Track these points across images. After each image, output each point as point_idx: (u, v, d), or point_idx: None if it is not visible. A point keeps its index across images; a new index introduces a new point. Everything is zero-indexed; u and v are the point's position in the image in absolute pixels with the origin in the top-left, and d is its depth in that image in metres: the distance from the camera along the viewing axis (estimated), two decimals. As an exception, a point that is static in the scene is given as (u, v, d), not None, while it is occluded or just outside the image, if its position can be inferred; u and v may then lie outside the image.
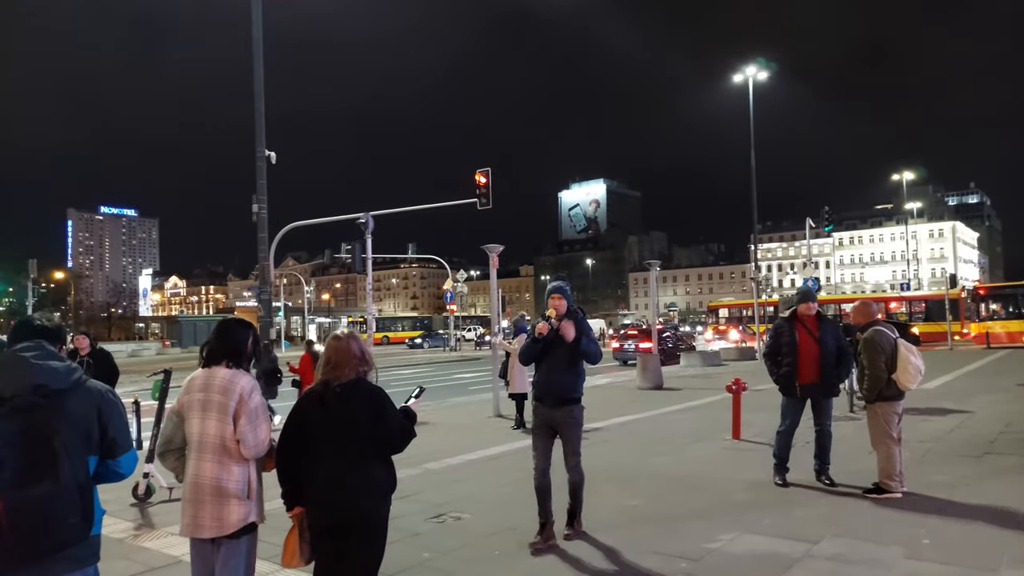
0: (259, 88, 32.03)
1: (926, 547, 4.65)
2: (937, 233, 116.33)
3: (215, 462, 3.08)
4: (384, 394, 3.22)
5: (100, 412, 2.52)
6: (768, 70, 31.82)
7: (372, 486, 3.10)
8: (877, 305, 6.60)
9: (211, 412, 3.11)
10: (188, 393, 3.19)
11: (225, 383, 3.14)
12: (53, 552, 2.37)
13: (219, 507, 3.05)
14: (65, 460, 2.37)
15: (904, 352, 5.90)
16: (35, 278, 49.39)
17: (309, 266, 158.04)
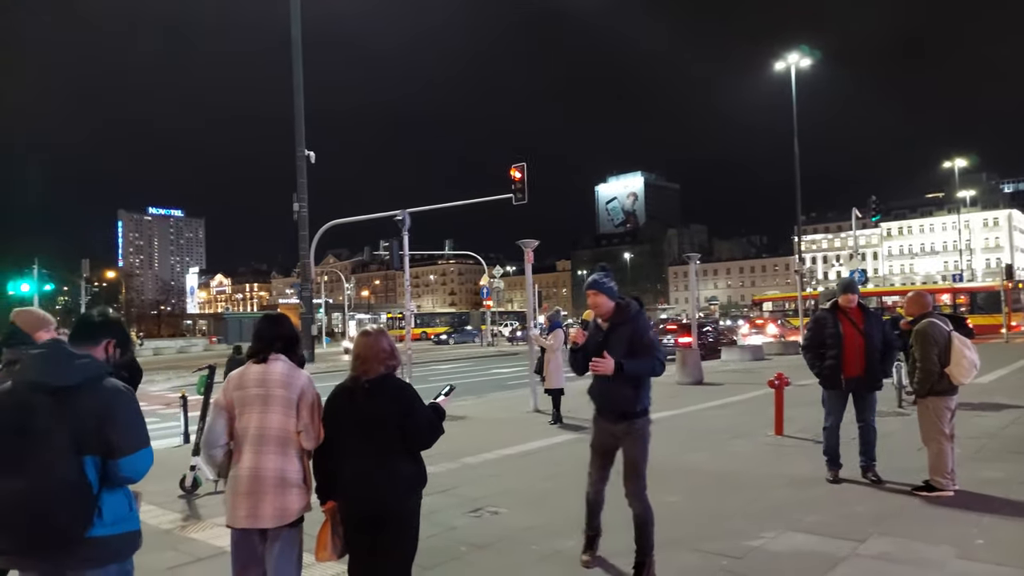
0: (298, 87, 32.55)
1: (979, 547, 4.49)
2: (992, 222, 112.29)
3: (278, 454, 3.12)
4: (412, 390, 3.22)
5: (105, 412, 2.51)
6: (811, 57, 31.11)
7: (399, 481, 3.11)
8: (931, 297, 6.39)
9: (273, 406, 3.14)
10: (242, 389, 3.19)
11: (285, 377, 3.19)
12: (36, 549, 2.39)
13: (282, 497, 3.10)
14: (54, 457, 2.39)
15: (958, 345, 5.70)
16: (88, 277, 51.06)
17: (349, 263, 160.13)
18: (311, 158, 30.26)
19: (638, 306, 4.37)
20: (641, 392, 4.30)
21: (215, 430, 3.21)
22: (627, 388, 4.24)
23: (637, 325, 4.25)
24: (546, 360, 10.94)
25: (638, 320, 4.27)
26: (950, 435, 5.82)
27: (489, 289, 42.01)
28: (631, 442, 4.31)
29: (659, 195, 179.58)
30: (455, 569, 4.50)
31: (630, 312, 4.28)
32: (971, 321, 28.21)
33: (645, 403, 4.33)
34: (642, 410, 4.33)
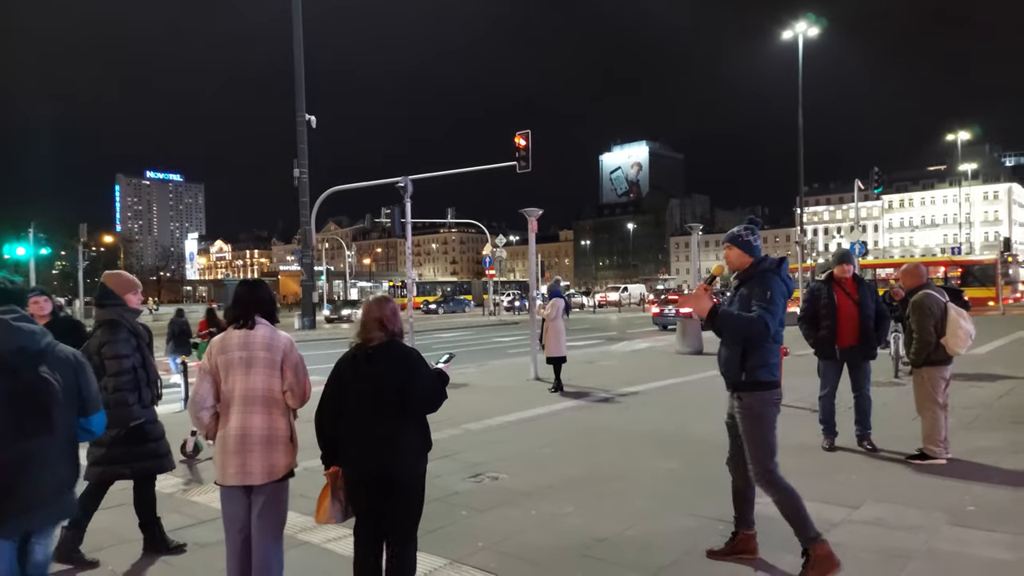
0: (299, 54, 32.12)
1: (971, 514, 4.57)
2: (992, 195, 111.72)
3: (264, 413, 3.29)
4: (418, 355, 3.25)
5: (76, 373, 2.71)
6: (819, 26, 30.64)
7: (404, 445, 3.15)
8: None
9: (257, 367, 3.30)
10: (225, 353, 3.33)
11: (268, 340, 3.36)
12: (43, 504, 2.59)
13: (270, 454, 3.27)
14: (60, 415, 2.58)
15: (955, 316, 5.75)
16: (86, 242, 50.95)
17: (350, 230, 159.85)
18: (312, 123, 30.04)
19: (774, 262, 3.77)
20: (750, 358, 3.67)
21: (201, 393, 3.34)
22: (732, 349, 3.74)
23: (762, 281, 3.66)
24: (545, 329, 11.00)
25: (764, 276, 3.68)
26: (944, 405, 5.89)
27: (491, 258, 41.92)
28: (741, 420, 3.79)
29: (663, 165, 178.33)
30: (455, 533, 4.59)
31: (759, 267, 3.73)
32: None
33: (759, 374, 3.68)
34: (752, 382, 3.70)
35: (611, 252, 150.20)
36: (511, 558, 4.11)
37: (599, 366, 14.02)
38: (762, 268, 3.75)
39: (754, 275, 3.74)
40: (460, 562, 4.05)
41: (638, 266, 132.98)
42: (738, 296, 3.78)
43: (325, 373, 3.41)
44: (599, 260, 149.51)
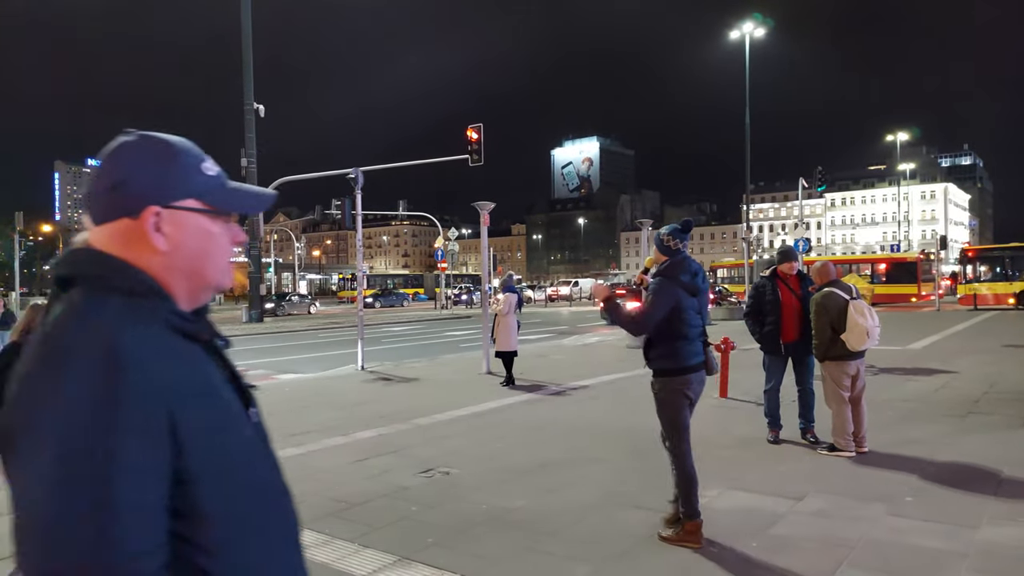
0: (247, 38, 31.31)
1: (908, 504, 4.72)
2: (929, 195, 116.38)
3: None
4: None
5: None
6: (765, 26, 31.34)
7: None
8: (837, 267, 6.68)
9: None
10: None
11: None
12: None
13: None
14: None
15: (852, 313, 5.90)
16: (22, 231, 48.86)
17: (300, 222, 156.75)
18: (260, 112, 29.32)
19: (671, 265, 4.20)
20: (655, 347, 4.21)
21: None
22: (644, 340, 4.31)
23: (656, 281, 4.19)
24: (496, 323, 10.97)
25: (657, 277, 4.21)
26: (851, 399, 6.07)
27: (444, 252, 41.72)
28: (655, 402, 4.32)
29: (614, 161, 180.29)
30: (405, 528, 4.53)
31: (661, 268, 4.23)
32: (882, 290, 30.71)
33: (663, 363, 4.18)
34: (658, 369, 4.22)
35: (563, 247, 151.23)
36: (461, 554, 4.07)
37: (551, 360, 14.07)
38: (659, 269, 4.24)
39: (658, 273, 4.23)
40: (409, 558, 3.99)
41: (589, 261, 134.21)
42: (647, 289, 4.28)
43: (271, 367, 3.31)
44: (551, 254, 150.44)
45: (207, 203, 1.07)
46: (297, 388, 11.32)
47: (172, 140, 1.08)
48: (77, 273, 1.01)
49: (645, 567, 3.87)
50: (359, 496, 5.21)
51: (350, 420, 8.10)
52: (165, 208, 1.03)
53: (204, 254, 1.07)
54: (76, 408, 0.88)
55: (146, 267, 1.03)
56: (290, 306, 41.80)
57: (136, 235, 1.03)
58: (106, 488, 0.87)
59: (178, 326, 1.01)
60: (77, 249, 1.04)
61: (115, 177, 1.03)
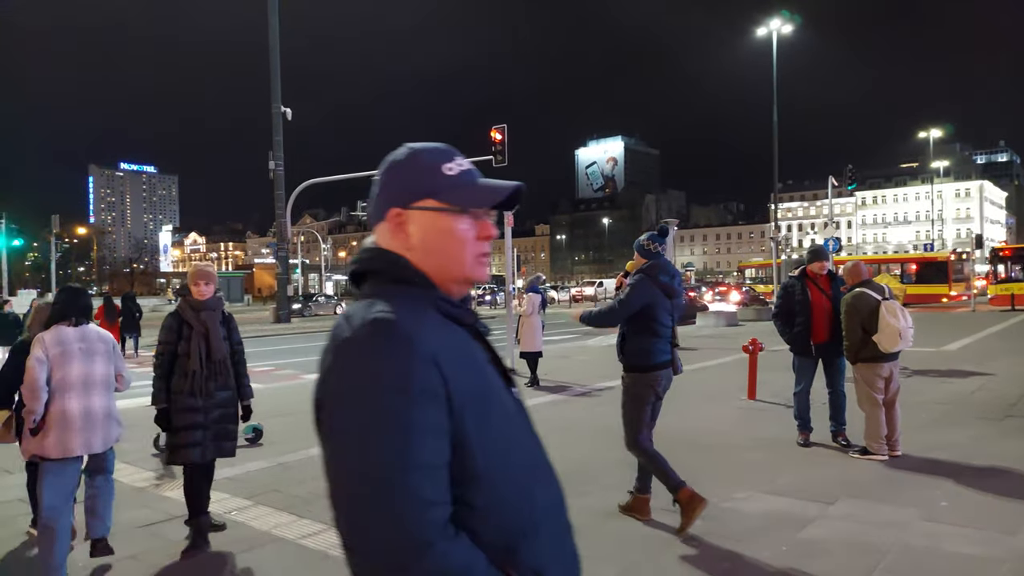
0: (274, 42, 31.68)
1: (943, 509, 4.62)
2: (964, 192, 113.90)
3: (103, 395, 4.02)
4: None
5: None
6: (793, 23, 30.94)
7: None
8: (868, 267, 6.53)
9: (96, 357, 4.00)
10: (61, 345, 3.89)
11: (101, 334, 4.13)
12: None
13: (108, 428, 4.04)
14: None
15: (884, 314, 5.78)
16: (58, 233, 49.99)
17: (326, 224, 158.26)
18: (288, 115, 29.63)
19: (649, 267, 4.53)
20: (629, 343, 4.56)
21: (39, 380, 3.80)
22: (618, 336, 4.67)
23: (632, 279, 4.54)
24: (520, 324, 10.97)
25: (634, 276, 4.55)
26: (885, 402, 5.94)
27: (467, 252, 41.66)
28: (621, 394, 4.68)
29: (639, 160, 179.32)
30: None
31: (640, 268, 4.57)
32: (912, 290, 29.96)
33: (636, 359, 4.53)
34: (630, 365, 4.58)
35: (587, 247, 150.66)
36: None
37: (575, 361, 14.03)
38: (640, 269, 4.56)
39: (638, 271, 4.57)
40: (435, 560, 3.99)
41: (614, 261, 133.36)
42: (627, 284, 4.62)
43: (298, 367, 3.34)
44: (575, 255, 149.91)
45: (443, 201, 1.16)
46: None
47: (416, 147, 1.21)
48: (364, 268, 1.19)
49: (672, 570, 3.84)
50: (385, 496, 5.22)
51: (376, 420, 8.14)
52: (405, 209, 1.17)
53: (445, 249, 1.17)
54: (371, 378, 1.02)
55: (408, 261, 1.17)
56: (317, 306, 42.19)
57: (391, 235, 1.18)
58: (403, 443, 0.99)
59: (445, 310, 1.14)
60: (365, 248, 1.21)
61: (377, 186, 1.21)
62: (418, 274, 1.15)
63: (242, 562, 4.11)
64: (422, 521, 0.98)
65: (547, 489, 1.19)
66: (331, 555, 4.11)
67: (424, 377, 1.02)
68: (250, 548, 4.30)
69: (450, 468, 1.03)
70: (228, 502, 5.11)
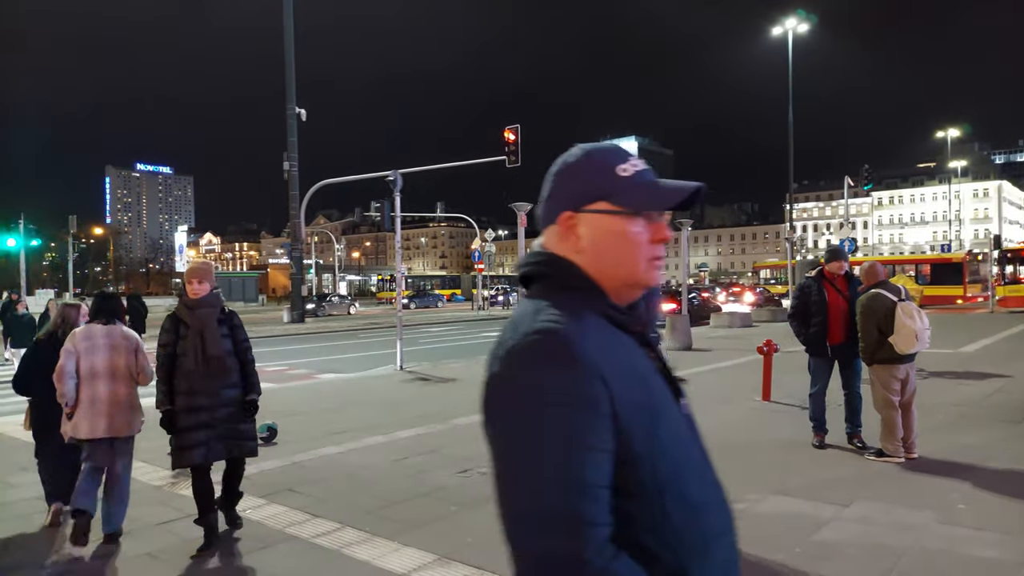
0: (289, 44, 31.88)
1: (960, 512, 4.57)
2: (982, 193, 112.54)
3: (127, 385, 4.52)
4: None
5: None
6: (808, 22, 30.73)
7: None
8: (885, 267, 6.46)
9: (120, 351, 4.52)
10: (90, 339, 4.49)
11: (125, 332, 4.66)
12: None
13: (131, 415, 4.53)
14: None
15: (900, 315, 5.72)
16: (75, 233, 50.52)
17: (340, 224, 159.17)
18: (302, 116, 29.81)
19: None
20: None
21: (68, 370, 4.39)
22: None
23: None
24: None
25: None
26: (901, 404, 5.89)
27: (480, 253, 41.84)
28: None
29: (652, 161, 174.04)
30: (444, 528, 4.55)
31: None
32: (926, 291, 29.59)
33: None
34: None
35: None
36: (501, 553, 4.06)
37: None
38: None
39: None
40: (449, 557, 4.01)
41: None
42: None
43: (312, 367, 3.36)
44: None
45: (616, 204, 1.13)
46: (337, 387, 11.47)
47: (589, 147, 1.18)
48: (534, 272, 1.16)
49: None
50: (398, 495, 5.25)
51: (389, 419, 8.18)
52: (577, 212, 1.14)
53: (617, 253, 1.13)
54: (535, 391, 0.99)
55: (578, 266, 1.14)
56: (330, 307, 42.39)
57: (561, 238, 1.15)
58: (564, 460, 0.96)
59: (612, 317, 1.11)
60: (534, 251, 1.19)
61: (547, 189, 1.19)
62: (587, 280, 1.12)
63: (256, 560, 4.15)
64: (581, 540, 0.96)
65: (718, 511, 1.14)
66: (344, 554, 4.14)
67: (589, 391, 0.99)
68: (264, 546, 4.33)
69: (614, 485, 1.00)
70: (243, 500, 5.14)
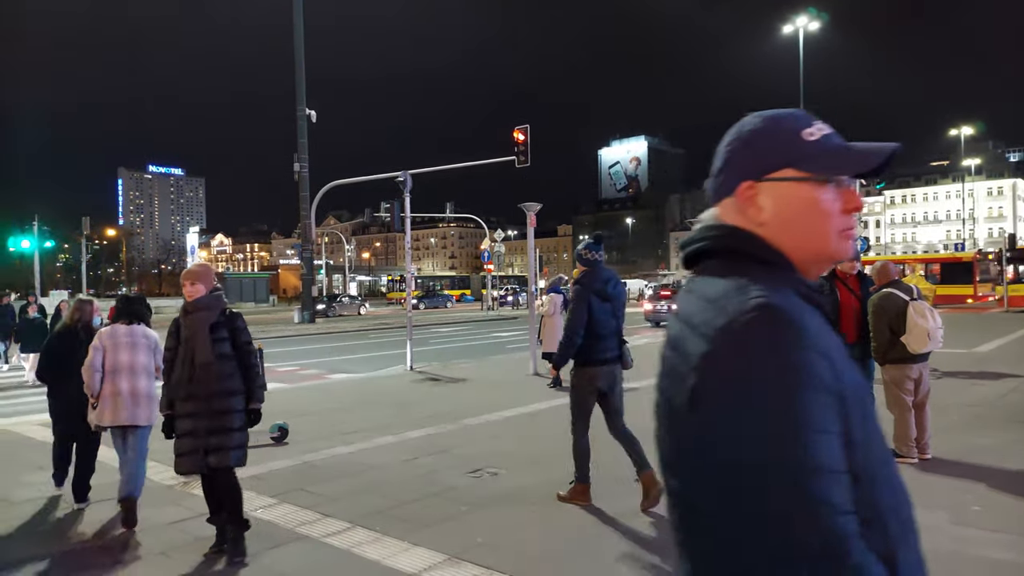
0: (299, 45, 31.99)
1: (975, 514, 4.53)
2: (996, 191, 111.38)
3: (147, 380, 4.97)
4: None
5: None
6: (819, 20, 30.54)
7: None
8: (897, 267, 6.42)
9: (140, 349, 4.98)
10: (114, 338, 4.95)
11: (146, 331, 5.10)
12: None
13: (149, 406, 4.93)
14: None
15: (912, 314, 5.68)
16: (88, 235, 50.91)
17: (350, 225, 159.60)
18: (312, 117, 29.91)
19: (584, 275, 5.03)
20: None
21: (95, 364, 4.87)
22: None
23: (575, 288, 5.04)
24: (543, 324, 10.96)
25: (576, 283, 5.05)
26: (915, 404, 5.84)
27: (490, 253, 41.86)
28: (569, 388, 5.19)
29: (663, 160, 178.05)
30: (454, 528, 4.55)
31: (580, 276, 5.07)
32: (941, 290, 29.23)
33: (577, 356, 5.02)
34: (574, 361, 5.08)
35: (610, 247, 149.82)
36: (511, 553, 4.07)
37: (599, 361, 13.95)
38: (578, 279, 5.07)
39: (576, 282, 5.07)
40: (459, 557, 4.02)
41: (637, 261, 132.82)
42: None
43: (323, 367, 3.37)
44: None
45: (804, 170, 1.04)
46: (348, 387, 11.51)
47: (770, 114, 1.10)
48: (717, 246, 1.07)
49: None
50: (409, 494, 5.26)
51: (400, 419, 8.20)
52: (758, 182, 1.05)
53: (806, 223, 1.04)
54: (771, 371, 0.89)
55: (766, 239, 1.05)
56: (341, 307, 42.54)
57: (739, 211, 1.07)
58: (808, 443, 0.86)
59: (805, 294, 1.01)
60: (709, 225, 1.10)
61: (721, 158, 1.11)
62: (780, 254, 1.03)
63: (267, 559, 4.16)
64: (835, 530, 0.85)
65: (906, 497, 1.05)
66: (355, 553, 4.15)
67: (822, 372, 0.90)
68: (275, 546, 4.35)
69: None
70: (254, 500, 5.17)
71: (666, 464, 1.00)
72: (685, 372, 0.96)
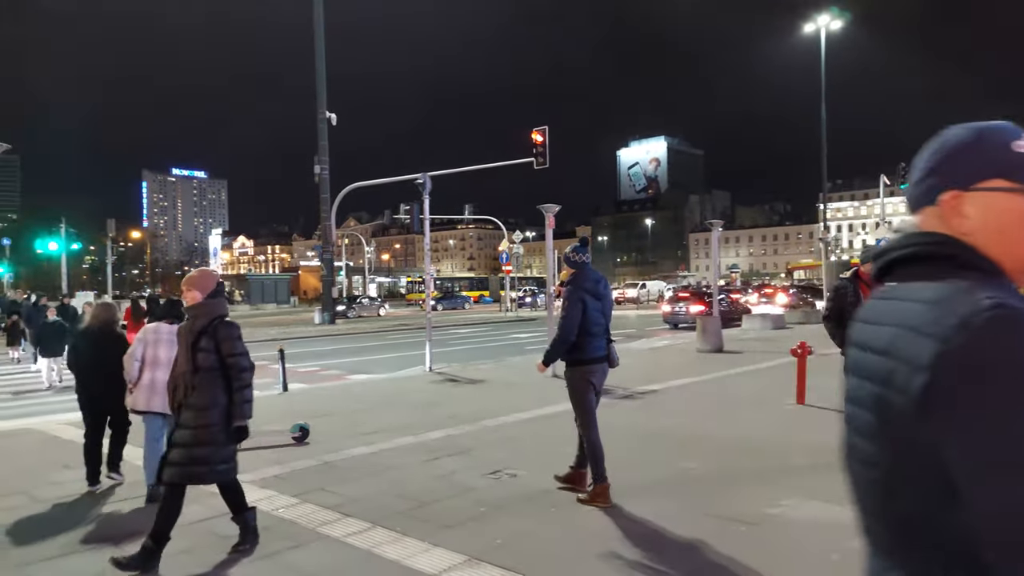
0: (320, 48, 32.26)
1: None
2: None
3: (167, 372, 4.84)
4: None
5: None
6: (842, 19, 30.23)
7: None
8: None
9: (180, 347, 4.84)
10: (157, 334, 5.45)
11: (175, 330, 4.94)
12: None
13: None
14: None
15: None
16: (114, 237, 51.66)
17: (370, 226, 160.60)
18: (332, 120, 30.16)
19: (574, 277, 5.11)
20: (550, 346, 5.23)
21: (135, 355, 5.38)
22: None
23: (565, 292, 5.09)
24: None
25: (568, 284, 5.13)
26: None
27: (508, 254, 41.85)
28: (567, 388, 5.22)
29: (682, 161, 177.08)
30: (474, 529, 4.56)
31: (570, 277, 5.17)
32: None
33: (570, 355, 5.10)
34: (568, 360, 5.13)
35: (629, 248, 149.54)
36: (530, 555, 4.07)
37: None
38: (568, 280, 5.13)
39: (567, 283, 5.13)
40: (479, 559, 4.02)
41: (657, 263, 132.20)
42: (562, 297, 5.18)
43: (343, 368, 3.39)
44: (617, 256, 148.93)
45: (1016, 181, 1.06)
46: (368, 388, 11.57)
47: (979, 126, 1.12)
48: (926, 252, 1.08)
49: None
50: (429, 495, 5.28)
51: (419, 420, 8.22)
52: (965, 191, 1.08)
53: (1013, 231, 1.06)
54: (1011, 365, 0.89)
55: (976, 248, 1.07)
56: (360, 308, 42.82)
57: (943, 219, 1.09)
58: None
59: (1020, 299, 1.00)
60: (919, 233, 1.12)
61: (923, 168, 1.14)
62: (991, 261, 1.05)
63: (288, 558, 4.20)
64: None
65: None
66: (375, 553, 4.17)
67: None
68: (296, 545, 4.38)
69: None
70: (276, 499, 5.22)
71: (870, 465, 1.03)
72: (909, 373, 0.95)
